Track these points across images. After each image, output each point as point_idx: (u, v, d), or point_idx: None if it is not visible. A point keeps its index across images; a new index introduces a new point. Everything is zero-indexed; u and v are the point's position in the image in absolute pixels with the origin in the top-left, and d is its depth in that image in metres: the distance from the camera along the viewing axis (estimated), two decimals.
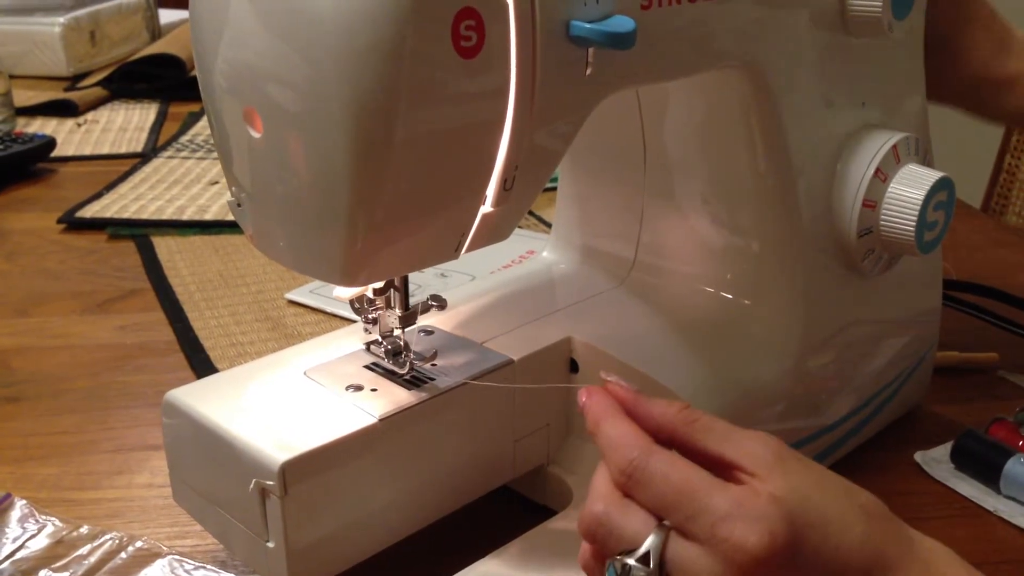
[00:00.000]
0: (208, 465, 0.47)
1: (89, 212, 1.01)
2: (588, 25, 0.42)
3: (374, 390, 0.48)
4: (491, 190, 0.43)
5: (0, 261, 0.91)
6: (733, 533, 0.35)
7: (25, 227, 0.99)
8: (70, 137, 1.28)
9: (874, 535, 0.37)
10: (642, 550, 0.37)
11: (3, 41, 1.33)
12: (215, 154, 1.21)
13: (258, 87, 0.40)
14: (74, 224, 0.99)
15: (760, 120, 0.53)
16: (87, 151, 1.23)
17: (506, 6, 0.40)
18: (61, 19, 1.48)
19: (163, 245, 0.94)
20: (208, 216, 1.01)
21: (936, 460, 0.59)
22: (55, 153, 1.18)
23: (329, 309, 0.81)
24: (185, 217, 1.00)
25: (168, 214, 1.01)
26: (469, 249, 0.44)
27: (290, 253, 0.44)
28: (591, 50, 0.43)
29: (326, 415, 0.46)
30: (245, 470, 0.44)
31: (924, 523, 0.55)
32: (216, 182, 1.11)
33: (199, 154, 1.22)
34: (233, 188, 0.45)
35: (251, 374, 0.50)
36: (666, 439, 0.40)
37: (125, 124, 1.34)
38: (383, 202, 0.40)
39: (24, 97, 1.36)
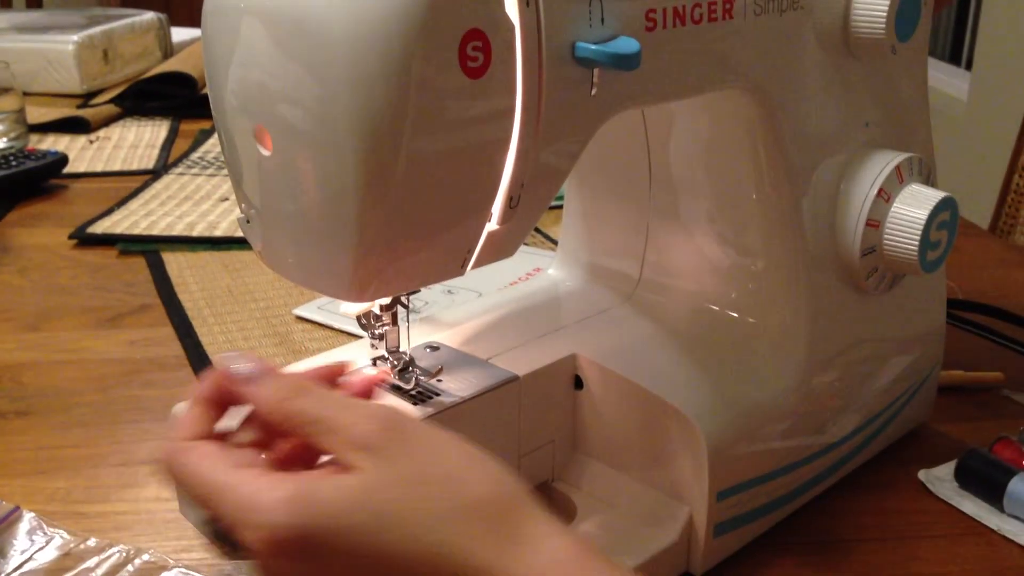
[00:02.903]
0: None
1: (100, 228, 1.02)
2: (593, 46, 0.42)
3: None
4: (497, 208, 0.44)
5: (12, 276, 0.92)
6: (242, 535, 0.35)
7: (36, 242, 1.00)
8: (82, 154, 1.29)
9: (460, 541, 0.34)
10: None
11: (17, 59, 1.34)
12: (225, 171, 1.22)
13: (268, 106, 0.41)
14: (85, 240, 1.00)
15: (764, 140, 0.53)
16: (99, 168, 1.24)
17: (512, 27, 0.40)
18: (75, 37, 1.49)
19: (173, 261, 0.95)
20: (218, 232, 1.01)
21: (940, 479, 0.59)
22: (67, 169, 1.19)
23: (336, 325, 0.81)
24: (195, 233, 1.01)
25: (178, 230, 1.02)
26: (476, 266, 0.45)
27: (298, 269, 0.44)
28: (596, 70, 0.44)
29: None
30: None
31: (927, 541, 0.55)
32: (226, 199, 1.12)
33: (209, 171, 1.23)
34: (242, 205, 0.46)
35: None
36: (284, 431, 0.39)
37: (137, 141, 1.35)
38: (390, 219, 0.40)
39: (37, 114, 1.38)
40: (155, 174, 1.21)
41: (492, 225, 0.44)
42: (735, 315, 0.58)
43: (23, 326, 0.82)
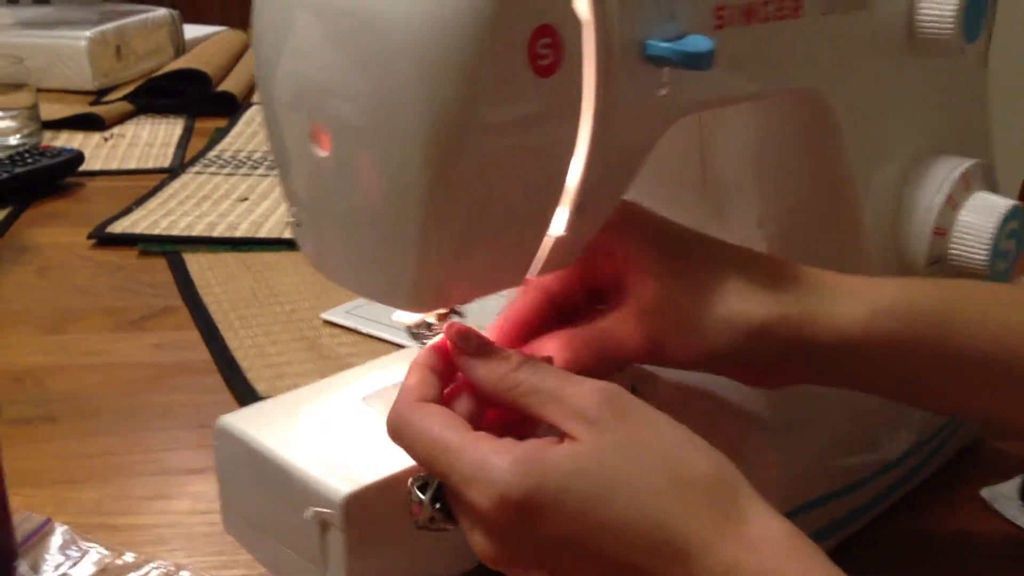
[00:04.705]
0: (263, 494, 0.45)
1: (119, 228, 1.00)
2: (665, 44, 0.40)
3: None
4: (563, 213, 0.42)
5: (30, 276, 0.90)
6: (469, 494, 0.36)
7: (54, 242, 0.98)
8: (96, 151, 1.27)
9: (679, 514, 0.35)
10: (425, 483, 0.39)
11: (27, 55, 1.32)
12: (243, 170, 1.20)
13: (326, 104, 0.39)
14: (104, 239, 0.98)
15: (824, 143, 0.52)
16: (114, 166, 1.22)
17: (583, 23, 0.38)
18: (87, 33, 1.47)
19: (195, 262, 0.93)
20: (239, 233, 0.99)
21: (1005, 496, 0.57)
22: (82, 167, 1.17)
23: (364, 330, 0.79)
24: (216, 234, 0.99)
25: (198, 230, 1.00)
26: (539, 273, 0.43)
27: (353, 276, 0.42)
28: (666, 70, 0.42)
29: (388, 444, 0.44)
30: (305, 501, 0.42)
31: (993, 563, 0.53)
32: (245, 198, 1.10)
33: (227, 170, 1.21)
34: (292, 207, 0.44)
35: (306, 399, 0.49)
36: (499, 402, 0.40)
37: (151, 139, 1.33)
38: (455, 224, 0.39)
39: (49, 111, 1.36)
40: (172, 173, 1.19)
41: (557, 231, 0.42)
42: None
43: (44, 328, 0.80)
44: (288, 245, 0.97)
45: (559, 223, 0.42)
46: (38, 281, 0.89)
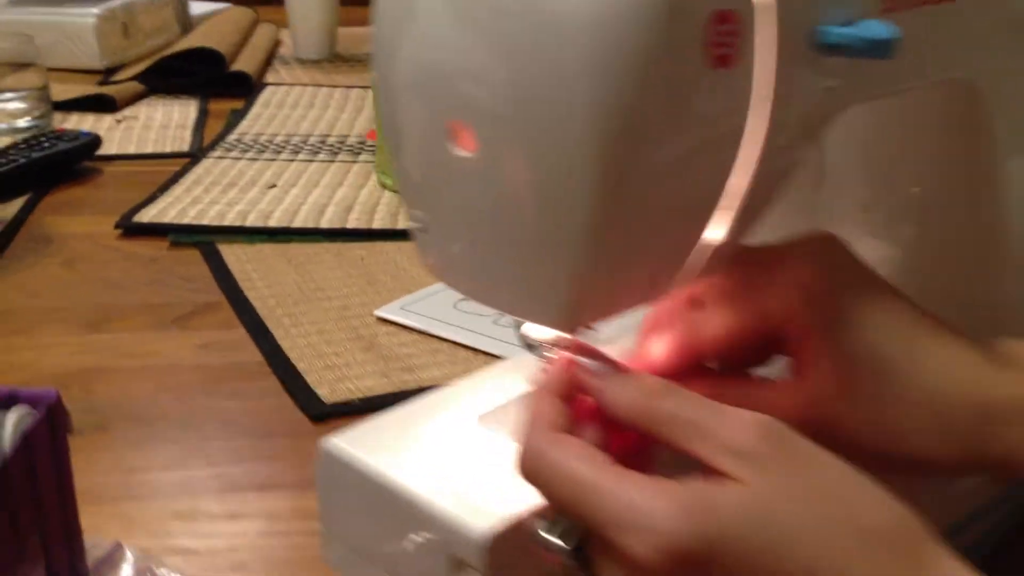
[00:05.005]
0: (377, 524, 0.41)
1: (146, 216, 0.95)
2: (844, 31, 0.36)
3: None
4: (726, 217, 0.37)
5: (58, 269, 0.85)
6: (623, 540, 0.32)
7: (79, 231, 0.93)
8: (110, 135, 1.21)
9: (865, 570, 0.31)
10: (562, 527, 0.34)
11: (32, 32, 1.26)
12: (266, 155, 1.15)
13: (471, 99, 0.34)
14: (131, 229, 0.93)
15: (967, 136, 0.48)
16: (131, 150, 1.17)
17: (758, 8, 0.34)
18: (95, 10, 1.41)
19: (231, 254, 0.88)
20: (272, 222, 0.95)
21: None
22: (97, 152, 1.11)
23: (421, 327, 0.75)
24: (249, 223, 0.94)
25: (229, 220, 0.95)
26: (690, 282, 0.39)
27: (492, 289, 0.38)
28: (837, 60, 0.37)
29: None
30: (434, 536, 0.38)
31: None
32: (274, 185, 1.05)
33: (250, 154, 1.15)
34: (415, 211, 0.39)
35: (414, 419, 0.44)
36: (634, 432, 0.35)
37: (166, 121, 1.28)
38: (619, 232, 0.35)
39: (56, 91, 1.30)
40: (193, 157, 1.14)
41: (719, 236, 0.38)
42: None
43: (81, 325, 0.75)
44: (326, 236, 0.92)
45: (722, 228, 0.38)
46: (67, 275, 0.84)
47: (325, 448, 0.42)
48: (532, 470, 0.34)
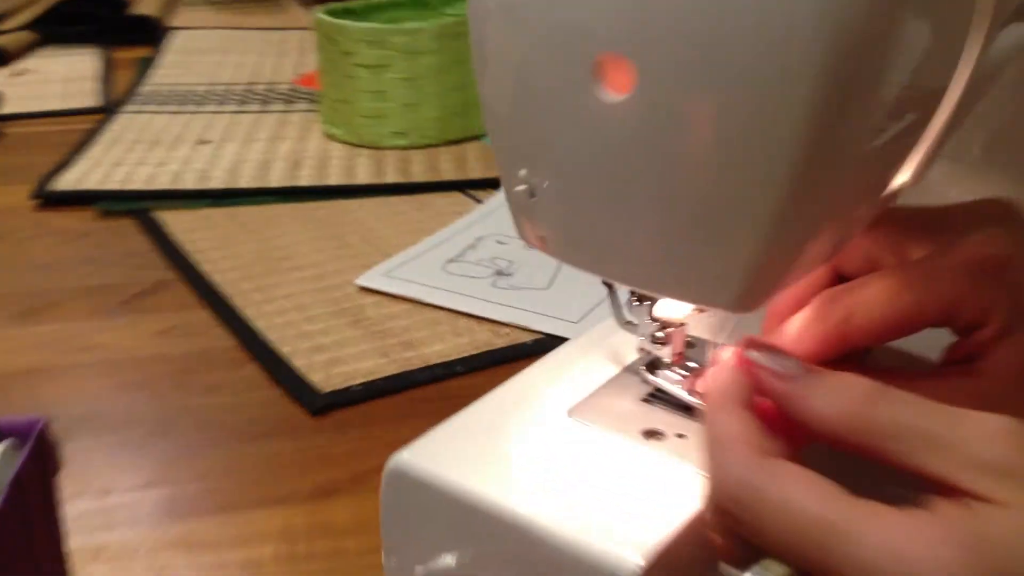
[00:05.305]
0: (472, 553, 0.33)
1: (66, 184, 0.83)
2: None
3: (681, 436, 0.35)
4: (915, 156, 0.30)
5: None
6: None
7: None
8: (7, 91, 1.07)
9: None
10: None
11: None
12: (189, 107, 1.03)
13: (638, 29, 0.26)
14: (50, 199, 0.81)
15: None
16: (34, 108, 1.04)
17: None
18: None
19: (173, 222, 0.77)
20: (214, 183, 0.84)
21: None
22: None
23: (411, 295, 0.66)
24: (187, 186, 0.83)
25: (164, 183, 0.84)
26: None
27: (635, 265, 0.30)
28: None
29: (650, 482, 0.32)
30: (559, 568, 0.30)
31: None
32: (207, 141, 0.94)
33: (170, 107, 1.04)
34: (524, 171, 0.30)
35: (492, 421, 0.36)
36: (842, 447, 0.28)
37: (69, 74, 1.14)
38: (825, 195, 0.27)
39: None
40: (106, 112, 1.02)
41: (903, 178, 0.30)
42: None
43: (12, 317, 0.64)
44: (278, 196, 0.82)
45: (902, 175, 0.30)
46: None
47: (396, 468, 0.34)
48: (745, 507, 0.27)
